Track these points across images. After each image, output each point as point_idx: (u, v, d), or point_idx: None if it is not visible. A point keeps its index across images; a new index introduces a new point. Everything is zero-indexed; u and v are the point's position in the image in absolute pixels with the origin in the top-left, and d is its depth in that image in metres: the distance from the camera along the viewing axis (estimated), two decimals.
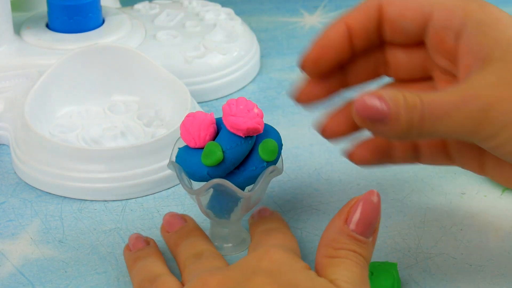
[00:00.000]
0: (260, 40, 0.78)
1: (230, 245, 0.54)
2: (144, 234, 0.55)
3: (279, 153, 0.51)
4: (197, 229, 0.53)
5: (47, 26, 0.70)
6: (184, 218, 0.54)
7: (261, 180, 0.50)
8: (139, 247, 0.52)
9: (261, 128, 0.50)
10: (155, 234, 0.55)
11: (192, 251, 0.50)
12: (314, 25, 0.83)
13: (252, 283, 0.43)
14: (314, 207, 0.58)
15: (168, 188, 0.60)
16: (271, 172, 0.50)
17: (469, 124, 0.46)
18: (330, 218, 0.56)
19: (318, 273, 0.45)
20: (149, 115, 0.65)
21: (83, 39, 0.68)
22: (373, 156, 0.52)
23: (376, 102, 0.46)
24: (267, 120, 0.67)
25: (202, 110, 0.63)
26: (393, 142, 0.52)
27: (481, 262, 0.53)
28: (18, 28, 0.69)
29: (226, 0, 0.83)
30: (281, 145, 0.51)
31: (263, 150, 0.50)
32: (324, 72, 0.51)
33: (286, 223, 0.54)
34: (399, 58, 0.52)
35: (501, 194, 0.59)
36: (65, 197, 0.59)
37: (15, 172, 0.62)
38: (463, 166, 0.52)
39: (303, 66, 0.51)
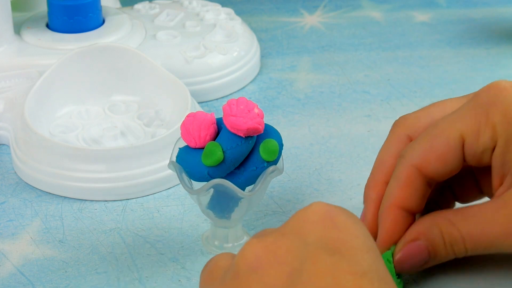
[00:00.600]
0: (260, 40, 0.78)
1: (230, 245, 0.54)
2: (144, 234, 0.55)
3: (280, 153, 0.51)
4: None
5: (47, 26, 0.70)
6: None
7: (261, 180, 0.50)
8: None
9: (261, 128, 0.50)
10: (155, 234, 0.55)
11: None
12: (314, 25, 0.83)
13: (317, 265, 0.38)
14: None
15: (168, 188, 0.60)
16: (272, 172, 0.50)
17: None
18: None
19: None
20: (149, 115, 0.65)
21: (83, 39, 0.68)
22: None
23: (415, 250, 0.48)
24: (267, 120, 0.67)
25: (202, 110, 0.63)
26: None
27: (481, 262, 0.53)
28: (18, 28, 0.69)
29: (226, 0, 0.83)
30: (282, 145, 0.51)
31: (264, 150, 0.50)
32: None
33: None
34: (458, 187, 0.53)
35: None
36: (65, 197, 0.59)
37: (15, 172, 0.62)
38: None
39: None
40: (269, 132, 0.52)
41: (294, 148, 0.64)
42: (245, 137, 0.50)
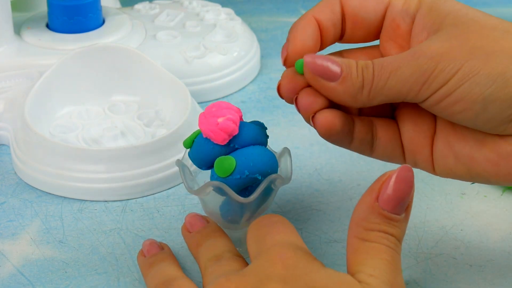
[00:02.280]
0: (260, 40, 0.78)
1: (240, 249, 0.53)
2: (144, 234, 0.55)
3: (274, 163, 0.51)
4: (219, 230, 0.52)
5: (47, 26, 0.70)
6: (206, 219, 0.53)
7: (258, 189, 0.49)
8: (153, 252, 0.52)
9: (216, 138, 0.49)
10: (155, 235, 0.55)
11: (213, 253, 0.50)
12: None
13: None
14: (314, 207, 0.58)
15: (168, 188, 0.60)
16: (274, 181, 0.50)
17: (419, 75, 0.46)
18: (330, 218, 0.57)
19: (348, 256, 0.44)
20: (149, 115, 0.65)
21: (83, 39, 0.68)
22: (339, 123, 0.50)
23: (327, 63, 0.47)
24: (267, 120, 0.67)
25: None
26: (354, 118, 0.51)
27: (481, 262, 0.53)
28: (18, 28, 0.69)
29: (226, 0, 0.83)
30: (272, 156, 0.51)
31: (217, 165, 0.50)
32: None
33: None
34: (353, 52, 0.53)
35: (501, 195, 0.59)
36: (65, 197, 0.59)
37: (15, 172, 0.62)
38: (415, 159, 0.51)
39: (286, 62, 0.52)
40: (249, 139, 0.51)
41: (294, 148, 0.64)
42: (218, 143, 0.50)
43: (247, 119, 0.68)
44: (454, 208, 0.57)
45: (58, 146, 0.59)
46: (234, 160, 0.49)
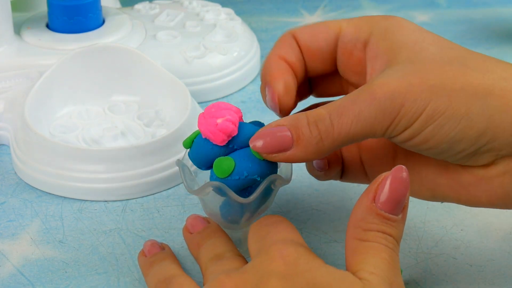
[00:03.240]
0: (260, 40, 0.78)
1: (240, 249, 0.53)
2: (144, 234, 0.55)
3: (274, 164, 0.50)
4: (219, 231, 0.53)
5: (47, 26, 0.70)
6: (207, 220, 0.54)
7: (258, 190, 0.49)
8: (154, 252, 0.52)
9: (214, 138, 0.49)
10: (155, 235, 0.55)
11: (213, 252, 0.50)
12: None
13: (268, 286, 0.42)
14: (314, 207, 0.58)
15: (168, 188, 0.60)
16: (273, 181, 0.50)
17: (381, 116, 0.46)
18: (330, 218, 0.57)
19: (348, 257, 0.44)
20: (149, 115, 0.65)
21: (83, 39, 0.68)
22: (327, 165, 0.53)
23: (277, 133, 0.47)
24: (267, 120, 0.67)
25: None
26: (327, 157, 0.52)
27: (481, 262, 0.53)
28: (18, 28, 0.69)
29: (226, 0, 0.83)
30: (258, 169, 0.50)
31: (216, 167, 0.50)
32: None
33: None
34: (319, 83, 0.54)
35: None
36: (65, 197, 0.59)
37: (15, 172, 0.62)
38: None
39: (280, 110, 0.51)
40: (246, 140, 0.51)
41: None
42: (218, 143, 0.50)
43: (247, 119, 0.68)
44: (454, 208, 0.57)
45: (58, 146, 0.59)
46: (233, 161, 0.49)
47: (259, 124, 0.52)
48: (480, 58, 0.48)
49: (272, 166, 0.50)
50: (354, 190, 0.59)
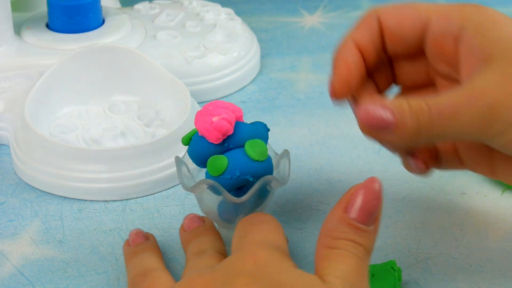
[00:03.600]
0: (260, 40, 0.78)
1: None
2: None
3: (268, 165, 0.51)
4: (210, 229, 0.53)
5: (47, 26, 0.70)
6: (202, 219, 0.54)
7: (251, 190, 0.49)
8: (138, 242, 0.52)
9: (209, 136, 0.49)
10: (155, 234, 0.55)
11: (197, 248, 0.51)
12: (314, 25, 0.83)
13: (234, 285, 0.42)
14: (314, 207, 0.58)
15: (168, 188, 0.60)
16: (268, 183, 0.50)
17: (478, 123, 0.46)
18: None
19: (316, 264, 0.44)
20: (149, 115, 0.65)
21: (83, 39, 0.68)
22: (428, 163, 0.52)
23: (380, 111, 0.46)
24: (267, 120, 0.67)
25: None
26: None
27: (481, 262, 0.53)
28: (18, 28, 0.69)
29: (226, 0, 0.83)
30: (267, 161, 0.51)
31: (209, 165, 0.50)
32: (351, 93, 0.52)
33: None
34: (403, 68, 0.53)
35: (501, 194, 0.59)
36: (65, 197, 0.59)
37: (15, 172, 0.62)
38: (474, 170, 0.52)
39: (334, 94, 0.51)
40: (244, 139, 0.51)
41: (294, 148, 0.64)
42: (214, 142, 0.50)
43: (247, 119, 0.68)
44: (454, 207, 0.57)
45: (58, 146, 0.59)
46: (226, 160, 0.49)
47: (261, 125, 0.52)
48: None
49: (266, 167, 0.50)
50: None
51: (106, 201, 0.59)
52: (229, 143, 0.50)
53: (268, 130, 0.53)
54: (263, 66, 0.75)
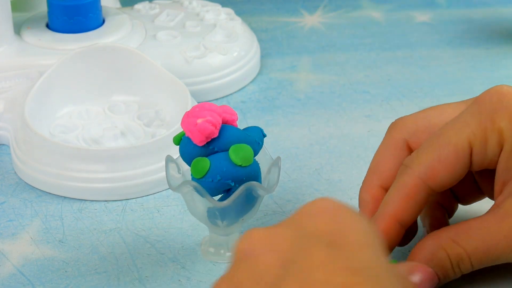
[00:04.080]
0: (260, 40, 0.78)
1: (228, 254, 0.53)
2: (144, 234, 0.55)
3: (252, 171, 0.50)
4: None
5: (47, 26, 0.70)
6: None
7: (232, 196, 0.49)
8: None
9: (193, 137, 0.49)
10: (155, 234, 0.55)
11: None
12: (314, 25, 0.83)
13: (312, 257, 0.35)
14: None
15: (168, 188, 0.60)
16: (252, 189, 0.49)
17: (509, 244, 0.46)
18: None
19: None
20: (149, 115, 0.65)
21: (83, 39, 0.68)
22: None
23: (428, 277, 0.47)
24: (267, 120, 0.67)
25: None
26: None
27: None
28: (18, 28, 0.69)
29: (226, 0, 0.83)
30: (252, 163, 0.50)
31: (192, 166, 0.50)
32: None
33: None
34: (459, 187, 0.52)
35: None
36: (65, 197, 0.59)
37: (15, 172, 0.62)
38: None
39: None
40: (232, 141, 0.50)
41: (294, 148, 0.64)
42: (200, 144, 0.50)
43: (247, 119, 0.68)
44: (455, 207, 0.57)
45: (58, 146, 0.59)
46: (209, 163, 0.49)
47: (257, 130, 0.52)
48: None
49: (250, 173, 0.49)
50: (354, 190, 0.59)
51: (106, 201, 0.59)
52: (214, 146, 0.50)
53: (264, 136, 0.52)
54: (263, 66, 0.75)
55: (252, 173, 0.50)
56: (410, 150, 0.51)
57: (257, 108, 0.70)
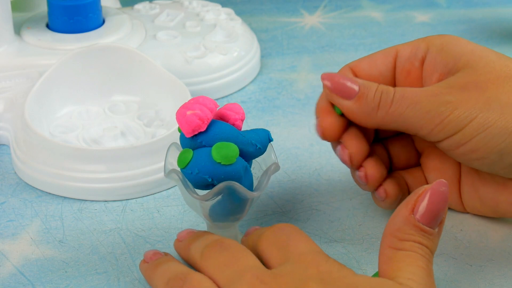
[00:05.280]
0: (260, 40, 0.78)
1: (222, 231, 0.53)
2: (144, 234, 0.55)
3: (233, 171, 0.49)
4: (207, 232, 0.52)
5: (48, 26, 0.70)
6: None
7: (210, 191, 0.49)
8: (157, 257, 0.51)
9: (185, 129, 0.50)
10: (155, 234, 0.55)
11: (208, 241, 0.49)
12: (314, 25, 0.83)
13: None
14: (314, 207, 0.58)
15: (168, 188, 0.60)
16: (233, 188, 0.49)
17: (436, 115, 0.48)
18: (330, 218, 0.57)
19: (382, 265, 0.45)
20: (149, 115, 0.65)
21: (83, 39, 0.68)
22: (399, 194, 0.54)
23: (345, 81, 0.50)
24: (267, 120, 0.67)
25: None
26: (388, 178, 0.54)
27: (481, 262, 0.53)
28: (18, 28, 0.70)
29: (226, 0, 0.83)
30: (235, 163, 0.50)
31: (178, 156, 0.50)
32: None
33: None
34: (394, 150, 0.56)
35: None
36: (65, 197, 0.59)
37: (15, 172, 0.62)
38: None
39: (324, 135, 0.54)
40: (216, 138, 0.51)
41: (294, 148, 0.64)
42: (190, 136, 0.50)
43: (247, 119, 0.68)
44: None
45: (58, 146, 0.59)
46: (191, 155, 0.50)
47: (263, 134, 0.51)
48: None
49: (230, 173, 0.49)
50: (354, 190, 0.59)
51: (106, 201, 0.59)
52: (202, 140, 0.50)
53: (271, 140, 0.52)
54: (263, 66, 0.76)
55: (233, 173, 0.49)
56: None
57: (257, 108, 0.70)
